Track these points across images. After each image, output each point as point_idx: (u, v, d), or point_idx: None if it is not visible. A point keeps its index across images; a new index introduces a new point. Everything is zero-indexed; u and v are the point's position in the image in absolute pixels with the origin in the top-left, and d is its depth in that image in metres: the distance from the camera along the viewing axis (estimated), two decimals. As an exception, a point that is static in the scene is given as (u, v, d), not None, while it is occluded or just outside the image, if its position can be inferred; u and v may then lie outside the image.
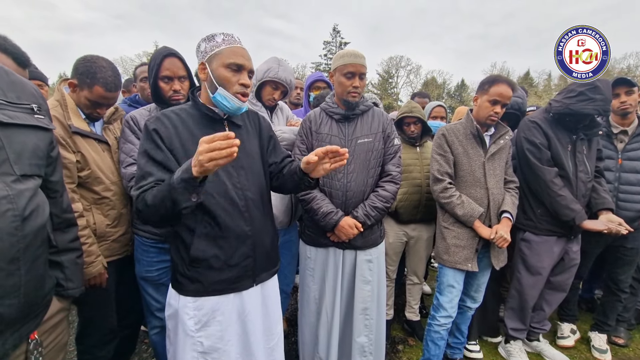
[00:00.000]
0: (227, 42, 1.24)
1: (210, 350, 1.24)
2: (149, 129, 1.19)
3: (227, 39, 1.25)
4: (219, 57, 1.22)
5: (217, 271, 1.24)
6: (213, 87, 1.23)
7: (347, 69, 1.67)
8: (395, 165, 1.80)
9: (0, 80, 0.88)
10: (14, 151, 0.84)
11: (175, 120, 1.23)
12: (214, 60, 1.22)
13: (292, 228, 2.13)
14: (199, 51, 1.27)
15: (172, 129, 1.21)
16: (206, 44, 1.25)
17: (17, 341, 0.89)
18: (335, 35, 41.21)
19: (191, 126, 1.24)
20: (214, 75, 1.22)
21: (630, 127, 2.31)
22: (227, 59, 1.21)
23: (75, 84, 1.50)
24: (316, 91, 2.75)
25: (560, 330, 2.58)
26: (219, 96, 1.22)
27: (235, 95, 1.22)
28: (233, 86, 1.22)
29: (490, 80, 1.89)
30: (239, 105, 1.24)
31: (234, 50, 1.23)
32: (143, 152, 1.19)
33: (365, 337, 1.83)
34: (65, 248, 1.11)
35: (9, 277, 0.81)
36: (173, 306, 1.27)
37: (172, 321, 1.28)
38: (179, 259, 1.25)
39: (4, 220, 0.79)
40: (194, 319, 1.23)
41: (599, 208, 2.09)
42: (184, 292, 1.24)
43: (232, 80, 1.21)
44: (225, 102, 1.22)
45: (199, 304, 1.23)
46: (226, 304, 1.27)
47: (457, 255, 1.92)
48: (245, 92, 1.25)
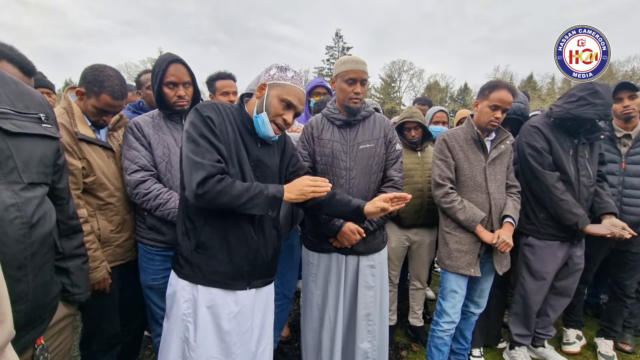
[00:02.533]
0: (294, 81, 1.34)
1: (191, 339, 1.27)
2: (202, 114, 1.23)
3: (296, 78, 1.35)
4: (280, 88, 1.31)
5: (217, 262, 1.28)
6: (260, 108, 1.32)
7: (349, 75, 1.69)
8: (397, 171, 1.81)
9: (9, 90, 0.91)
10: (22, 160, 0.86)
11: (224, 114, 1.30)
12: (274, 88, 1.32)
13: (294, 233, 2.14)
14: (267, 73, 1.36)
15: (222, 119, 1.28)
16: (278, 72, 1.34)
17: (24, 346, 0.90)
18: (337, 40, 41.49)
19: (234, 125, 1.33)
20: (267, 100, 1.31)
21: (634, 131, 2.30)
22: (285, 95, 1.31)
23: (82, 92, 1.54)
24: (316, 97, 2.76)
25: (565, 336, 2.55)
26: (259, 119, 1.31)
27: (272, 124, 1.32)
28: (277, 118, 1.32)
29: (490, 85, 1.90)
30: (271, 135, 1.34)
31: (295, 91, 1.33)
32: (198, 132, 1.21)
33: (369, 342, 1.82)
34: (71, 254, 1.13)
35: (17, 283, 0.83)
36: (173, 286, 1.33)
37: (170, 300, 1.34)
38: (185, 241, 1.30)
39: (12, 227, 0.81)
40: (187, 303, 1.28)
41: (602, 212, 2.08)
42: (182, 275, 1.29)
43: (279, 113, 1.31)
44: (262, 126, 1.32)
45: (193, 289, 1.28)
46: (218, 298, 1.30)
47: (459, 260, 1.92)
48: (283, 128, 1.35)
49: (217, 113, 1.28)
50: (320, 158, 1.77)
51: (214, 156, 1.20)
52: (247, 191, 1.20)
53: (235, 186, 1.19)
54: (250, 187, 1.22)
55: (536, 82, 38.14)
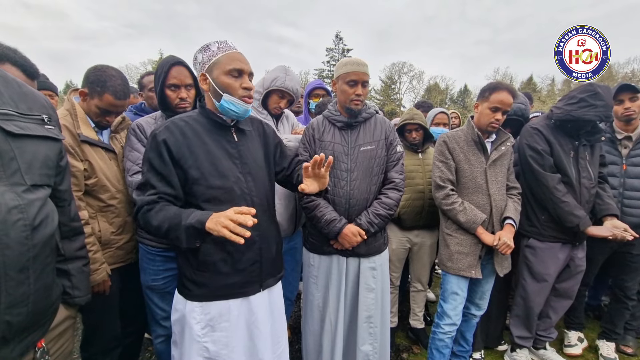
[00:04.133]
0: (223, 50, 1.25)
1: (215, 356, 1.25)
2: (157, 139, 1.19)
3: (222, 46, 1.26)
4: (218, 65, 1.24)
5: (224, 275, 1.25)
6: (217, 95, 1.25)
7: (350, 77, 1.69)
8: (398, 173, 1.81)
9: (13, 92, 0.91)
10: (25, 161, 0.86)
11: (184, 128, 1.24)
12: (214, 70, 1.24)
13: (296, 235, 2.14)
14: (196, 63, 1.30)
15: (181, 136, 1.22)
16: (203, 55, 1.27)
17: (25, 349, 0.90)
18: (337, 42, 41.58)
19: (201, 133, 1.26)
20: (217, 83, 1.24)
21: (635, 132, 2.30)
22: (226, 66, 1.23)
23: (86, 92, 1.55)
24: (316, 99, 2.77)
25: (567, 338, 2.55)
26: (225, 103, 1.24)
27: (241, 99, 1.25)
28: (237, 91, 1.25)
29: (490, 87, 1.90)
30: (246, 107, 1.27)
31: (231, 56, 1.24)
32: (147, 160, 1.21)
33: (370, 345, 1.82)
34: (72, 256, 1.13)
35: (19, 286, 0.82)
36: (180, 311, 1.28)
37: (179, 326, 1.30)
38: (186, 263, 1.27)
39: (15, 229, 0.81)
40: (200, 324, 1.24)
41: (603, 214, 2.08)
42: (191, 297, 1.26)
43: (235, 86, 1.24)
44: (232, 108, 1.25)
45: (205, 308, 1.25)
46: (233, 309, 1.27)
47: (460, 262, 1.92)
48: (250, 95, 1.28)
49: (175, 134, 1.21)
50: (321, 160, 1.77)
51: (152, 189, 1.18)
52: (164, 222, 1.13)
53: (156, 217, 1.15)
54: (172, 217, 1.14)
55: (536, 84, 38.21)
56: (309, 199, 1.74)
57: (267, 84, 1.94)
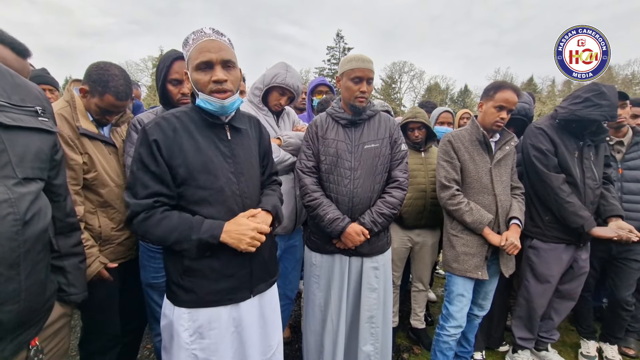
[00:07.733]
0: (195, 41, 1.13)
1: None
2: (148, 138, 1.11)
3: (196, 36, 1.14)
4: (190, 61, 1.14)
5: (212, 281, 1.18)
6: (195, 92, 1.17)
7: (355, 74, 1.66)
8: (402, 171, 1.78)
9: (5, 82, 0.87)
10: (17, 154, 0.83)
11: (175, 124, 1.16)
12: (189, 66, 1.15)
13: (296, 233, 2.11)
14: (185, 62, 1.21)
15: (172, 133, 1.15)
16: (184, 51, 1.17)
17: (17, 348, 0.86)
18: (338, 40, 41.49)
19: (192, 130, 1.18)
20: (192, 81, 1.15)
21: (626, 137, 2.35)
22: (195, 61, 1.12)
23: (86, 90, 1.49)
24: (319, 95, 2.74)
25: (585, 347, 2.46)
26: (201, 102, 1.15)
27: (212, 95, 1.14)
28: (207, 86, 1.13)
29: (495, 86, 1.88)
30: (220, 103, 1.15)
31: (199, 48, 1.12)
32: (138, 158, 1.12)
33: (371, 345, 1.79)
34: (67, 253, 1.09)
35: (9, 282, 0.79)
36: (168, 317, 1.23)
37: (167, 332, 1.24)
38: (172, 267, 1.20)
39: (5, 224, 0.77)
40: (188, 331, 1.18)
41: (608, 215, 2.06)
42: (178, 302, 1.19)
43: (204, 81, 1.13)
44: (207, 106, 1.16)
45: (193, 315, 1.19)
46: (222, 315, 1.21)
47: (467, 263, 1.89)
48: (220, 88, 1.14)
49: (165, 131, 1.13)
50: (324, 157, 1.74)
51: (145, 190, 1.10)
52: (170, 233, 1.09)
53: (158, 227, 1.09)
54: (179, 226, 1.09)
55: (536, 84, 38.22)
56: (310, 197, 1.71)
57: (268, 80, 1.91)
